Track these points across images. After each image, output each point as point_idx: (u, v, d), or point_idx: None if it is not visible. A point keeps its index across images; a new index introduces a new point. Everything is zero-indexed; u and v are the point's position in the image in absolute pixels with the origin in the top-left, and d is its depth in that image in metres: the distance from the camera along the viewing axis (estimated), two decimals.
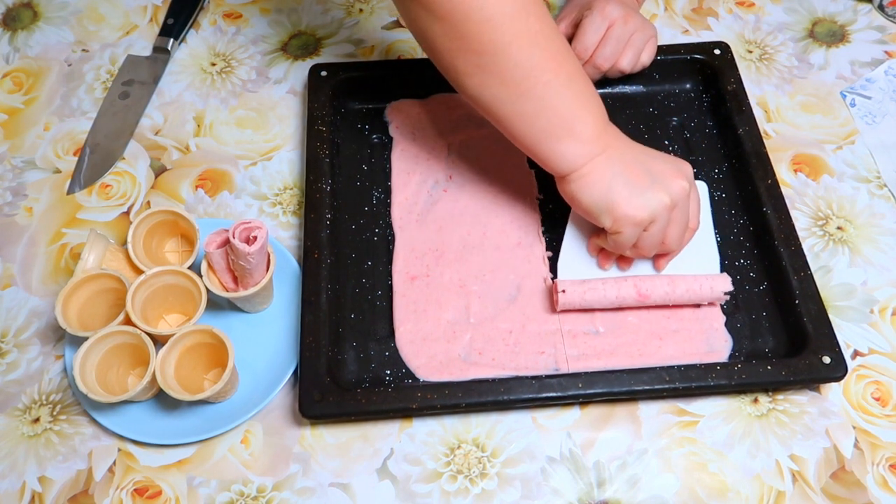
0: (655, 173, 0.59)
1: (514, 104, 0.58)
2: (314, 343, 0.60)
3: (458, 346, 0.63)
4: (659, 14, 0.86)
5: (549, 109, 0.57)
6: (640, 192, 0.58)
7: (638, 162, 0.60)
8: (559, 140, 0.58)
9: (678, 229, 0.61)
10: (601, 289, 0.62)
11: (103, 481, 0.59)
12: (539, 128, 0.58)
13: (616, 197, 0.58)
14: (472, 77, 0.57)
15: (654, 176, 0.59)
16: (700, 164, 0.73)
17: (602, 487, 0.59)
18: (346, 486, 0.59)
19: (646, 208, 0.58)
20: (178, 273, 0.61)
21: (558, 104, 0.57)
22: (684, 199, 0.60)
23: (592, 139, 0.59)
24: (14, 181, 0.74)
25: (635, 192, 0.58)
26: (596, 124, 0.59)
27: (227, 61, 0.83)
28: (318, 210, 0.67)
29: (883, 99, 0.80)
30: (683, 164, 0.62)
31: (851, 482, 0.59)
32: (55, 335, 0.66)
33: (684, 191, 0.60)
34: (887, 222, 0.72)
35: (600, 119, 0.59)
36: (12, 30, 0.85)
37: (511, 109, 0.58)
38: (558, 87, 0.57)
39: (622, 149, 0.60)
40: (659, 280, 0.63)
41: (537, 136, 0.59)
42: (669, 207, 0.59)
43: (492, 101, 0.58)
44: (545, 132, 0.59)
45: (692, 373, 0.59)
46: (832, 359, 0.60)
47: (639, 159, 0.60)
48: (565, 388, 0.59)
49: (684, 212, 0.61)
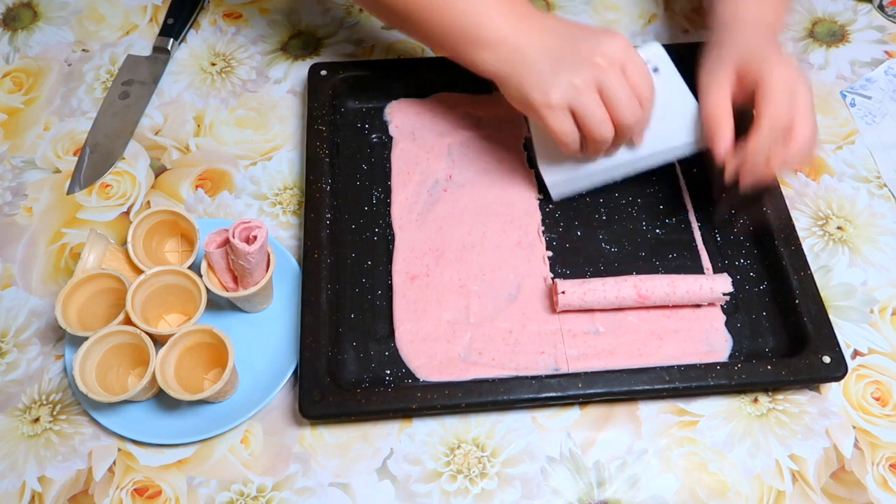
0: (570, 54, 0.59)
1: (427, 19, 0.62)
2: (314, 343, 0.60)
3: (458, 345, 0.63)
4: (659, 14, 0.86)
5: (453, 21, 0.61)
6: (547, 76, 0.59)
7: (553, 46, 0.60)
8: (473, 48, 0.61)
9: (620, 107, 0.60)
10: (601, 290, 0.62)
11: (103, 481, 0.59)
12: (452, 39, 0.62)
13: (526, 87, 0.60)
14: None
15: (563, 59, 0.59)
16: (699, 164, 0.73)
17: (602, 487, 0.59)
18: (346, 486, 0.59)
19: (554, 91, 0.59)
20: (178, 273, 0.61)
21: (459, 14, 0.60)
22: (610, 75, 0.59)
23: (503, 41, 0.60)
24: (14, 181, 0.74)
25: (543, 78, 0.59)
26: (502, 28, 0.60)
27: (227, 61, 0.83)
28: (318, 210, 0.67)
29: (883, 99, 0.80)
30: (609, 38, 0.60)
31: (851, 482, 0.60)
32: (55, 335, 0.66)
33: (601, 68, 0.59)
34: (887, 222, 0.72)
35: (512, 14, 0.60)
36: (12, 30, 0.85)
37: (425, 24, 0.62)
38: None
39: (536, 37, 0.60)
40: (659, 281, 0.63)
41: (453, 47, 0.62)
42: (586, 86, 0.59)
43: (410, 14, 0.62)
44: (459, 42, 0.62)
45: (692, 373, 0.59)
46: (832, 358, 0.60)
47: (553, 44, 0.60)
48: (565, 388, 0.59)
49: (617, 86, 0.59)
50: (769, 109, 0.59)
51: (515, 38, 0.60)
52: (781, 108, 0.59)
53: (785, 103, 0.59)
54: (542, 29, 0.61)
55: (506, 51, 0.60)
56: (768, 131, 0.59)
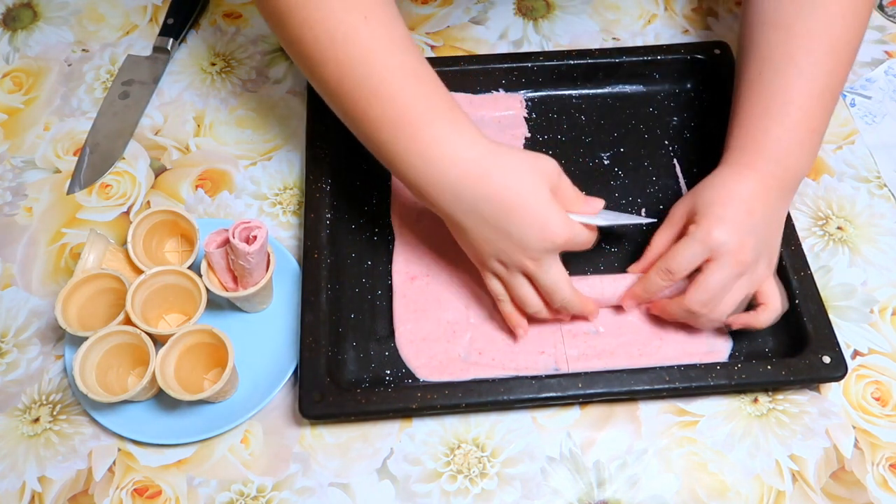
0: (503, 238, 0.56)
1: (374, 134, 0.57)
2: (314, 343, 0.60)
3: (458, 345, 0.63)
4: (659, 14, 0.86)
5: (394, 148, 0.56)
6: (484, 247, 0.57)
7: (489, 218, 0.56)
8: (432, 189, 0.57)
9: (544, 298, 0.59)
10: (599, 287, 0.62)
11: (103, 481, 0.59)
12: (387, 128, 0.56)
13: (467, 239, 0.59)
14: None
15: (499, 240, 0.56)
16: (700, 165, 0.73)
17: (602, 487, 0.59)
18: (346, 486, 0.59)
19: (487, 262, 0.59)
20: (178, 273, 0.61)
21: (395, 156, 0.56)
22: (530, 270, 0.57)
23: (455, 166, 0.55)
24: (14, 181, 0.74)
25: (479, 245, 0.58)
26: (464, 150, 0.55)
27: (227, 61, 0.83)
28: (318, 210, 0.67)
29: (883, 99, 0.80)
30: (543, 228, 0.55)
31: (851, 482, 0.60)
32: (55, 335, 0.66)
33: (527, 263, 0.56)
34: (887, 222, 0.72)
35: (475, 145, 0.55)
36: (12, 30, 0.85)
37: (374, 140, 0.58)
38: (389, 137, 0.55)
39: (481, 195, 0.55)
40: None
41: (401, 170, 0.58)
42: (511, 274, 0.58)
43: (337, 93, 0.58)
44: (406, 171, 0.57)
45: (692, 373, 0.59)
46: (832, 358, 0.60)
47: (492, 215, 0.55)
48: (565, 389, 0.59)
49: (528, 288, 0.59)
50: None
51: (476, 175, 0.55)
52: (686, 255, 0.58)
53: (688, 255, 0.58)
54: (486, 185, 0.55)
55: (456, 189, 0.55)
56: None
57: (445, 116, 0.56)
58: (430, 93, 0.56)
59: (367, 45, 0.54)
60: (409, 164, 0.56)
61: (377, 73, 0.54)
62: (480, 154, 0.55)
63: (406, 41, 0.56)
